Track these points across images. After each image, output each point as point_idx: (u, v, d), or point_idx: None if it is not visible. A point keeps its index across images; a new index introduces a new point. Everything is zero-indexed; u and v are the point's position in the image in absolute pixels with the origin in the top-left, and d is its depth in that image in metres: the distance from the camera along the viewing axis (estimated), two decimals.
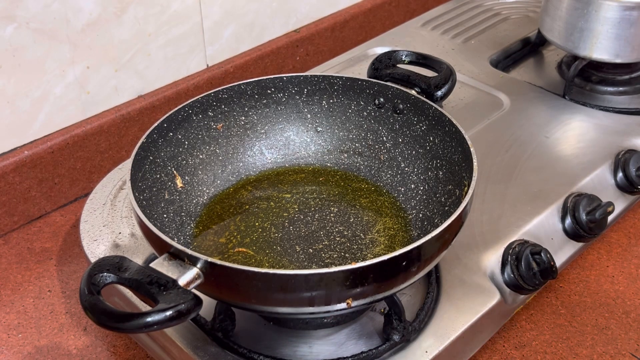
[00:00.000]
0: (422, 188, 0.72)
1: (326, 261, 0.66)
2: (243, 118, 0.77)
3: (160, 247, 0.55)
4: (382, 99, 0.76)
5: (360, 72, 1.02)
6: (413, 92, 0.74)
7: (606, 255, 0.81)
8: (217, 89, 0.75)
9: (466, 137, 0.66)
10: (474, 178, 0.61)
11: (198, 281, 0.53)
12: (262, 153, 0.79)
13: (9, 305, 0.77)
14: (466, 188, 0.62)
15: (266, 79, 0.77)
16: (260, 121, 0.78)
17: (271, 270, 0.51)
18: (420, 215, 0.71)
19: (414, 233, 0.70)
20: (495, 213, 0.76)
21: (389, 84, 0.75)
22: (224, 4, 1.00)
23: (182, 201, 0.71)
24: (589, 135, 0.88)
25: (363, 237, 0.69)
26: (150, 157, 0.68)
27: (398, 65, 0.80)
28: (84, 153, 0.91)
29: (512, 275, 0.70)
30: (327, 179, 0.77)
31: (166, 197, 0.69)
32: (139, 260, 0.72)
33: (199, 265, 0.53)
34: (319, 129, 0.79)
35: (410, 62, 0.81)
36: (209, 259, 0.52)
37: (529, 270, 0.69)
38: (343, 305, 0.54)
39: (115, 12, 0.88)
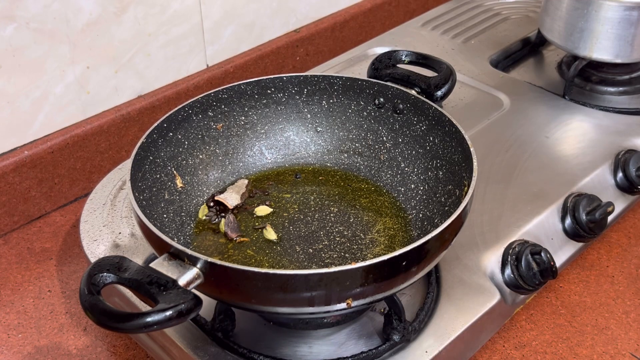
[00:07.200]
0: (422, 188, 0.72)
1: (326, 261, 0.66)
2: (243, 118, 0.77)
3: (160, 247, 0.55)
4: (382, 99, 0.76)
5: (360, 72, 1.02)
6: (413, 92, 0.74)
7: (606, 255, 0.81)
8: (217, 89, 0.75)
9: (466, 137, 0.66)
10: (474, 178, 0.61)
11: (198, 281, 0.53)
12: (262, 153, 0.79)
13: (9, 305, 0.77)
14: (466, 188, 0.62)
15: (266, 79, 0.77)
16: (260, 121, 0.78)
17: (271, 270, 0.51)
18: (420, 215, 0.71)
19: (414, 233, 0.70)
20: (495, 213, 0.76)
21: (389, 84, 0.75)
22: (224, 4, 1.00)
23: (182, 201, 0.71)
24: (589, 135, 0.88)
25: (363, 237, 0.69)
26: (150, 157, 0.68)
27: (398, 65, 0.80)
28: (84, 153, 0.91)
29: (512, 275, 0.70)
30: (327, 179, 0.77)
31: (166, 197, 0.70)
32: (139, 260, 0.72)
33: (198, 265, 0.53)
34: (319, 129, 0.79)
35: (410, 62, 0.81)
36: (209, 259, 0.52)
37: (529, 270, 0.69)
38: (343, 305, 0.54)
39: (115, 12, 0.88)
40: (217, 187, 0.75)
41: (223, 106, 0.76)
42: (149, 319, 0.48)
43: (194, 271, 0.53)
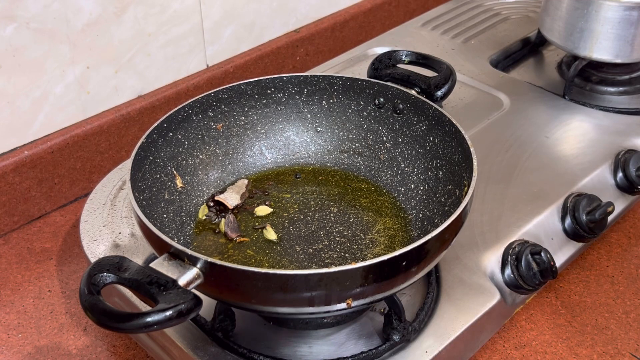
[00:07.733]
0: (422, 188, 0.72)
1: (326, 261, 0.66)
2: (243, 118, 0.77)
3: (160, 247, 0.55)
4: (382, 99, 0.76)
5: (360, 72, 1.02)
6: (413, 92, 0.74)
7: (606, 255, 0.81)
8: (217, 89, 0.75)
9: (466, 137, 0.66)
10: (474, 178, 0.61)
11: (198, 281, 0.53)
12: (262, 153, 0.79)
13: (9, 305, 0.77)
14: (466, 188, 0.62)
15: (266, 79, 0.77)
16: (260, 121, 0.78)
17: (271, 270, 0.51)
18: (420, 215, 0.71)
19: (414, 233, 0.70)
20: (495, 213, 0.76)
21: (389, 84, 0.75)
22: (224, 4, 1.00)
23: (182, 201, 0.71)
24: (589, 135, 0.88)
25: (363, 237, 0.69)
26: (150, 157, 0.68)
27: (398, 65, 0.80)
28: (84, 153, 0.91)
29: (512, 275, 0.70)
30: (327, 179, 0.77)
31: (166, 197, 0.70)
32: (139, 260, 0.72)
33: (198, 265, 0.53)
34: (319, 129, 0.79)
35: (410, 62, 0.81)
36: (209, 259, 0.52)
37: (529, 270, 0.69)
38: (343, 305, 0.54)
39: (115, 12, 0.88)
40: (217, 187, 0.75)
41: (223, 106, 0.76)
42: (149, 319, 0.48)
43: (194, 271, 0.53)
